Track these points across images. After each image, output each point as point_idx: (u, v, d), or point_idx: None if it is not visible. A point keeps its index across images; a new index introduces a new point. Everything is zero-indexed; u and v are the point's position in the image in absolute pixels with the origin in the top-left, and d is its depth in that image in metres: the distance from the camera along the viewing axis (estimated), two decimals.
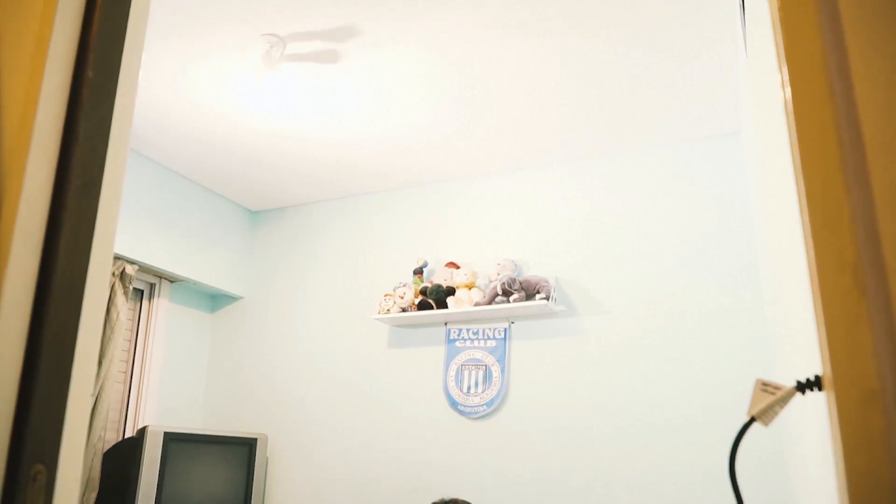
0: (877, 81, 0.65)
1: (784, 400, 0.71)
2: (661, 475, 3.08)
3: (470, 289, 3.58)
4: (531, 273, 3.57)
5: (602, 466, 3.20)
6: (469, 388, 3.54)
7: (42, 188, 0.80)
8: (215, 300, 4.32)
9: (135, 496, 3.10)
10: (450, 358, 3.63)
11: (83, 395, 0.78)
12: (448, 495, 2.06)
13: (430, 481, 3.48)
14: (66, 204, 0.82)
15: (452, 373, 3.60)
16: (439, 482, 3.43)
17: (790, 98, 0.71)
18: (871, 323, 0.52)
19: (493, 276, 3.56)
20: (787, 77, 0.73)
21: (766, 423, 0.73)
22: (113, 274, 3.45)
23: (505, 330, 3.56)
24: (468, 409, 3.52)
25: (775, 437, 2.85)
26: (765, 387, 0.73)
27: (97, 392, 3.29)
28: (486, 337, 3.59)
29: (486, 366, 3.55)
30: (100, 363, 3.33)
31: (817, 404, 0.91)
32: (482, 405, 3.49)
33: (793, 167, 0.70)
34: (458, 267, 3.68)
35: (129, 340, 3.79)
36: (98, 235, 0.85)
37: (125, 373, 3.74)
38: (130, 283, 3.51)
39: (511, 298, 3.39)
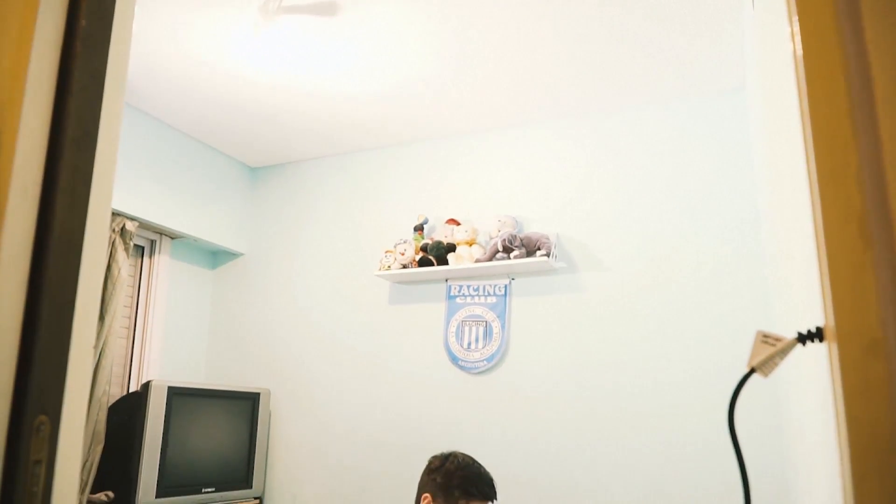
0: (888, 32, 0.63)
1: (784, 351, 0.71)
2: (661, 430, 3.12)
3: (471, 245, 3.58)
4: (532, 230, 3.56)
5: (601, 421, 3.24)
6: (469, 343, 3.57)
7: (37, 141, 0.78)
8: (216, 257, 4.33)
9: (140, 449, 3.14)
10: (450, 314, 3.65)
11: (85, 347, 0.78)
12: (447, 450, 2.09)
13: (430, 435, 3.53)
14: (62, 156, 0.81)
15: (453, 328, 3.62)
16: (439, 436, 3.48)
17: (800, 49, 0.69)
18: (876, 273, 0.52)
19: (493, 232, 3.55)
20: (797, 28, 0.71)
21: (765, 375, 0.73)
22: (113, 230, 3.44)
23: (505, 286, 3.57)
24: (468, 365, 3.55)
25: (773, 393, 2.88)
26: (765, 338, 0.73)
27: (101, 347, 3.31)
28: (486, 293, 3.61)
29: (486, 322, 3.57)
30: (102, 319, 3.35)
31: (818, 356, 0.92)
32: (482, 360, 3.53)
33: (800, 119, 0.69)
34: (458, 223, 3.68)
35: (131, 297, 3.81)
36: (95, 188, 0.84)
37: (128, 328, 3.77)
38: (131, 239, 3.51)
39: (512, 255, 3.39)
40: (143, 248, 3.88)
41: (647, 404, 3.17)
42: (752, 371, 0.73)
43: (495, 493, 1.93)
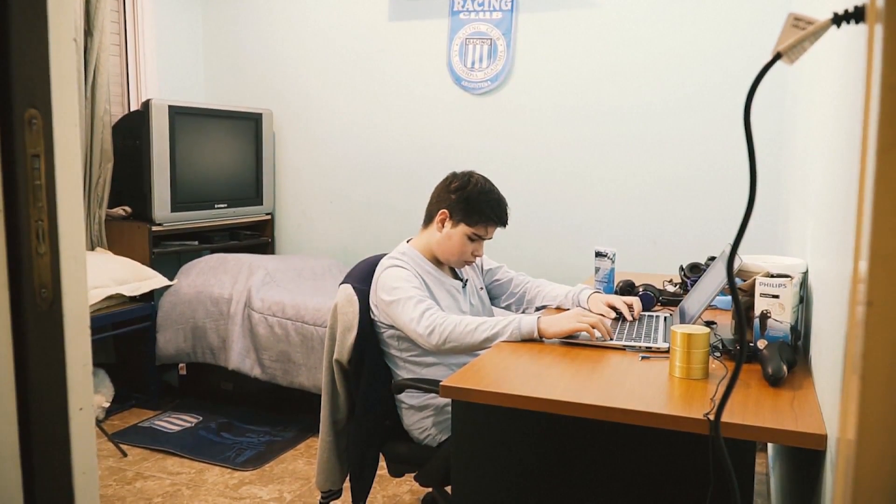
0: None
1: (816, 34, 0.66)
2: (672, 151, 3.14)
3: None
4: None
5: (609, 144, 3.25)
6: (473, 62, 3.45)
7: None
8: None
9: (150, 166, 3.20)
10: (453, 31, 3.48)
11: (65, 37, 0.73)
12: (460, 170, 2.11)
13: (432, 157, 3.56)
14: None
15: (456, 47, 3.48)
16: (441, 158, 3.50)
17: None
18: None
19: None
20: None
21: (791, 61, 0.69)
22: None
23: (512, 1, 3.36)
24: (472, 85, 3.47)
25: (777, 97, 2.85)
26: (797, 22, 0.67)
27: (94, 64, 3.22)
28: (492, 8, 3.40)
29: (491, 39, 3.42)
30: (91, 34, 3.21)
31: (852, 38, 0.86)
32: (486, 81, 3.44)
33: None
34: None
35: (118, 11, 3.61)
36: None
37: (119, 46, 3.63)
38: None
39: None
40: None
41: (659, 124, 3.15)
42: (777, 56, 0.69)
43: (508, 217, 2.02)
